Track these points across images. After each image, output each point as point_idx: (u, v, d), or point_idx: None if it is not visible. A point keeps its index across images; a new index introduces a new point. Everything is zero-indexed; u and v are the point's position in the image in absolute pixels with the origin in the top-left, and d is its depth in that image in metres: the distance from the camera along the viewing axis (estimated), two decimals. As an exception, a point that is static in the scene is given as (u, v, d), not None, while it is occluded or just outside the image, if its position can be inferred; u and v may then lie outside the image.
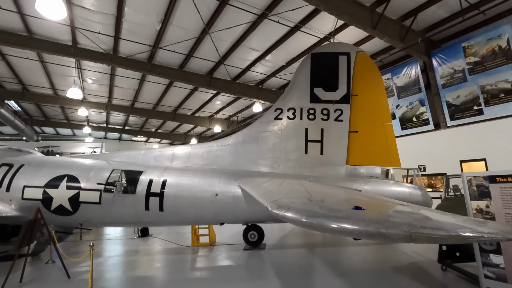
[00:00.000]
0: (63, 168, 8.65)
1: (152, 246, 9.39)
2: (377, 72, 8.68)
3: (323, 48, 8.82)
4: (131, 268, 6.87)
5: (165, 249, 8.89)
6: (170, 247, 9.07)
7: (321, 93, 8.52)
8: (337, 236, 9.36)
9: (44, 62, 14.57)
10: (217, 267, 6.66)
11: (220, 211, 7.77)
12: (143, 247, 9.36)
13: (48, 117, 26.34)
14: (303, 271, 6.01)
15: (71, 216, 8.15)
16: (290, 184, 6.50)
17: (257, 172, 8.28)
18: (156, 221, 8.05)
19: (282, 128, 8.58)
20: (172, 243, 9.68)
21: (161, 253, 8.29)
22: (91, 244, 5.09)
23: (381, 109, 8.47)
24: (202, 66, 15.42)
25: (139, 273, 6.37)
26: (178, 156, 9.08)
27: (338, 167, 8.26)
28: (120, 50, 13.46)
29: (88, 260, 4.96)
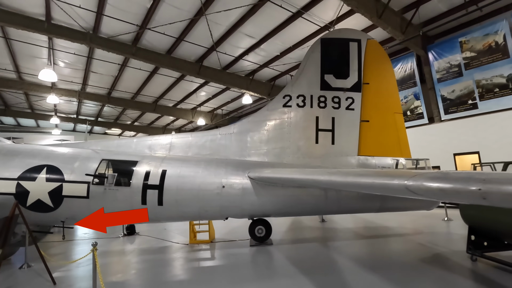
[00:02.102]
0: (41, 157, 7.49)
1: (144, 245, 8.47)
2: (387, 61, 8.47)
3: (333, 34, 8.41)
4: (131, 272, 6.00)
5: (160, 248, 8.04)
6: (165, 246, 8.23)
7: (332, 80, 8.14)
8: (347, 229, 9.11)
9: (9, 39, 12.72)
10: (227, 266, 6.01)
11: (227, 205, 7.12)
12: (135, 246, 8.41)
13: (8, 106, 23.57)
14: (323, 267, 5.57)
15: (51, 212, 7.08)
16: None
17: (266, 163, 7.72)
18: (154, 217, 7.19)
19: (291, 116, 8.09)
20: (167, 241, 8.83)
21: (158, 253, 7.44)
22: (94, 243, 4.23)
23: (392, 98, 8.29)
24: (192, 53, 14.43)
25: (147, 277, 5.55)
26: (176, 145, 8.25)
27: (349, 157, 7.94)
28: (101, 30, 12.10)
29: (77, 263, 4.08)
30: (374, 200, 7.27)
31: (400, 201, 7.40)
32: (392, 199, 7.35)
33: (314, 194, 7.16)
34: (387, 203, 7.33)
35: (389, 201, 7.32)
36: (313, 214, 7.85)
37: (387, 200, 7.29)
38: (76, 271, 6.22)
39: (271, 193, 7.11)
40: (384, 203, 7.30)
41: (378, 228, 9.21)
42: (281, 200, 7.16)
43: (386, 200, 7.29)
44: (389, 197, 7.30)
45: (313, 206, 7.30)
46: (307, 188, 7.16)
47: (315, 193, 7.15)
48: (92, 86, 18.77)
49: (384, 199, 7.28)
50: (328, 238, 8.12)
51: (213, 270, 5.83)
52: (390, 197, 7.31)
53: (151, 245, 8.38)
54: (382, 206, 7.36)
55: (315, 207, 7.32)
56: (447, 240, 7.34)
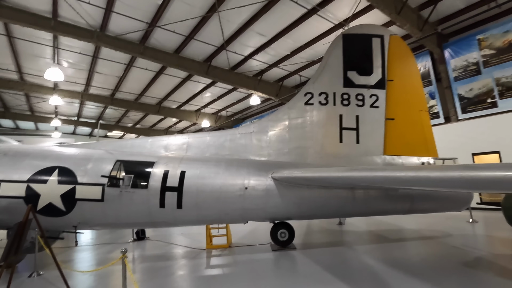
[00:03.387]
0: (51, 159, 7.10)
1: (158, 251, 8.03)
2: (411, 57, 8.20)
3: (355, 29, 8.13)
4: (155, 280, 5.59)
5: (177, 253, 7.62)
6: (182, 251, 7.82)
7: (355, 77, 7.84)
8: (370, 233, 8.75)
9: (13, 37, 12.30)
10: (256, 273, 5.62)
11: (250, 207, 6.75)
12: (149, 252, 7.98)
13: (8, 108, 23.01)
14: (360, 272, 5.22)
15: (63, 217, 6.69)
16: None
17: (288, 163, 7.36)
18: (172, 221, 6.81)
19: (314, 114, 7.77)
20: (182, 246, 8.41)
21: (176, 259, 7.03)
22: (123, 250, 3.83)
23: (417, 95, 8.00)
24: (200, 52, 14.11)
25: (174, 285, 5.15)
26: (193, 145, 7.88)
27: (375, 157, 7.62)
28: (109, 28, 11.74)
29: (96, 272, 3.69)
30: (404, 201, 6.95)
31: (431, 202, 7.08)
32: (423, 200, 7.03)
33: (341, 195, 6.83)
34: (417, 205, 7.00)
35: (419, 202, 6.99)
36: (339, 216, 7.52)
37: (417, 201, 6.97)
38: (92, 279, 5.79)
39: (296, 195, 6.76)
40: (414, 205, 6.98)
41: (401, 230, 8.86)
42: (306, 202, 6.82)
43: (416, 201, 6.96)
44: (420, 197, 6.99)
45: (340, 208, 6.97)
46: (333, 189, 6.83)
47: (342, 194, 6.82)
48: (95, 87, 18.34)
49: (414, 200, 6.96)
50: (353, 242, 7.75)
51: (240, 277, 5.43)
52: (421, 198, 7.00)
53: (165, 251, 7.95)
54: (412, 208, 7.03)
55: (342, 208, 6.99)
56: (483, 242, 7.02)
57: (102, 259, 7.48)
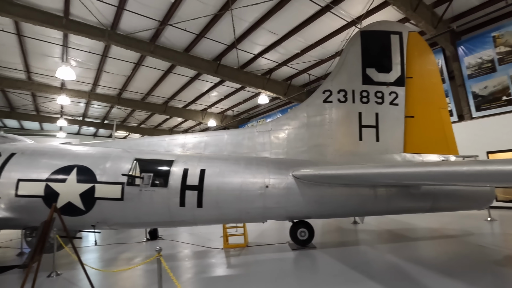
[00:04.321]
0: (69, 157, 7.03)
1: (173, 250, 7.95)
2: (430, 54, 8.10)
3: (373, 26, 8.04)
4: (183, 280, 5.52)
5: (195, 253, 7.54)
6: (199, 251, 7.74)
7: (374, 74, 7.75)
8: (389, 232, 8.66)
9: (23, 36, 12.24)
10: (283, 272, 5.56)
11: (271, 206, 6.67)
12: (166, 252, 7.91)
13: (14, 108, 22.96)
14: (391, 271, 5.13)
15: (82, 216, 6.61)
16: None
17: (307, 161, 7.27)
18: (192, 220, 6.73)
19: (333, 112, 7.68)
20: (198, 246, 8.33)
21: (197, 258, 6.95)
22: (158, 248, 3.75)
23: (436, 93, 7.90)
24: (209, 51, 14.03)
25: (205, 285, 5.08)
26: (211, 143, 7.80)
27: (395, 155, 7.52)
28: (120, 26, 11.67)
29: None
30: (426, 199, 6.86)
31: (454, 201, 6.98)
32: (445, 198, 6.93)
33: (363, 194, 6.74)
34: (439, 203, 6.91)
35: (441, 200, 6.90)
36: (360, 215, 7.43)
37: (439, 200, 6.88)
38: (114, 279, 5.72)
39: (318, 193, 6.68)
40: (435, 203, 6.88)
41: (419, 229, 8.77)
42: (327, 200, 6.73)
43: (438, 200, 6.87)
44: (442, 196, 6.90)
45: (361, 206, 6.88)
46: (355, 187, 6.75)
47: (364, 192, 6.74)
48: (103, 86, 18.27)
49: (436, 198, 6.87)
50: (373, 241, 7.66)
51: (269, 277, 5.34)
52: (443, 196, 6.91)
53: (183, 251, 7.87)
54: (434, 206, 6.94)
55: (363, 207, 6.89)
56: (509, 241, 6.92)
57: (122, 259, 7.41)
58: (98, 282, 5.40)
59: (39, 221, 6.73)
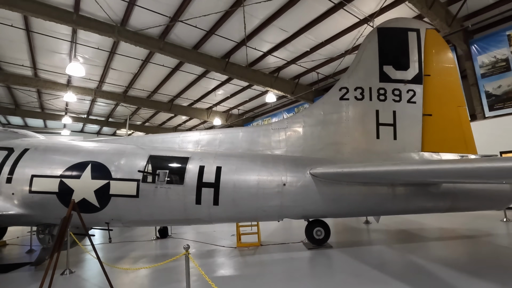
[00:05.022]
0: (83, 153, 6.94)
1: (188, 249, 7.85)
2: (448, 52, 7.97)
3: (390, 23, 7.92)
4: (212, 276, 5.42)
5: (209, 251, 7.44)
6: (212, 249, 7.64)
7: (392, 72, 7.63)
8: (404, 232, 8.54)
9: (32, 31, 12.14)
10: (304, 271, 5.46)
11: (288, 204, 6.56)
12: (178, 250, 7.81)
13: (18, 105, 22.88)
14: (416, 271, 5.02)
15: (96, 213, 6.52)
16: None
17: (324, 159, 7.16)
18: (208, 218, 6.63)
19: (349, 109, 7.57)
20: (210, 244, 8.24)
21: (211, 257, 6.85)
22: (186, 246, 3.65)
23: (454, 91, 7.77)
24: (218, 49, 13.92)
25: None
26: (225, 140, 7.69)
27: (413, 154, 7.40)
28: (130, 22, 11.57)
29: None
30: (446, 198, 6.74)
31: (473, 200, 6.87)
32: (465, 197, 6.82)
33: (381, 193, 6.64)
34: (459, 202, 6.79)
35: (461, 200, 6.79)
36: (378, 214, 7.31)
37: (459, 199, 6.76)
38: (130, 277, 5.61)
39: (335, 192, 6.57)
40: (455, 202, 6.77)
41: (435, 229, 8.65)
42: (345, 199, 6.63)
43: (458, 199, 6.76)
44: (461, 195, 6.78)
45: (379, 205, 6.76)
46: (373, 186, 6.64)
47: (382, 191, 6.63)
48: (109, 84, 18.18)
49: (456, 197, 6.76)
50: (390, 241, 7.55)
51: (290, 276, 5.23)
52: (462, 195, 6.79)
53: (197, 249, 7.78)
54: (453, 206, 6.82)
55: (381, 206, 6.78)
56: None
57: (134, 257, 7.33)
58: (115, 281, 5.29)
59: (52, 217, 6.68)
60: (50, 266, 4.51)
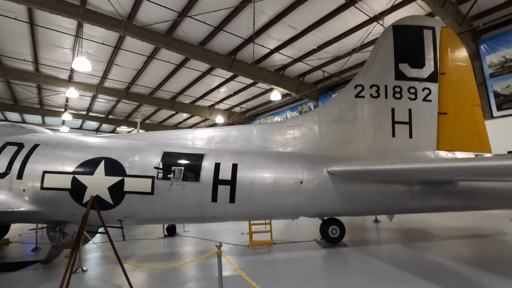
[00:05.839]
0: (96, 149, 6.79)
1: (198, 247, 7.76)
2: (463, 50, 7.93)
3: (405, 21, 7.85)
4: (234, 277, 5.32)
5: (223, 250, 7.34)
6: (226, 248, 7.55)
7: (407, 70, 7.57)
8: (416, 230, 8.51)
9: (35, 25, 11.88)
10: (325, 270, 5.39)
11: (305, 202, 6.48)
12: (189, 248, 7.71)
13: (17, 101, 22.49)
14: (440, 270, 4.98)
15: (110, 210, 6.38)
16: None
17: (339, 157, 7.09)
18: (223, 216, 6.53)
19: (365, 107, 7.51)
20: (222, 243, 8.12)
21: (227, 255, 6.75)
22: (218, 244, 3.55)
23: (469, 90, 7.74)
24: (224, 46, 13.78)
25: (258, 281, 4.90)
26: (239, 137, 7.59)
27: (428, 152, 7.36)
28: (137, 17, 11.37)
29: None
30: (462, 197, 6.71)
31: (490, 199, 6.86)
32: (481, 196, 6.80)
33: (399, 191, 6.58)
34: (475, 201, 6.77)
35: (478, 199, 6.76)
36: (394, 212, 7.28)
37: (476, 198, 6.74)
38: (147, 275, 5.51)
39: (353, 190, 6.51)
40: (472, 201, 6.75)
41: (448, 228, 8.63)
42: (363, 197, 6.57)
43: (474, 198, 6.74)
44: (478, 194, 6.76)
45: (396, 204, 6.71)
46: (391, 184, 6.58)
47: (400, 189, 6.58)
48: (111, 80, 17.93)
49: (472, 196, 6.74)
50: (404, 240, 7.52)
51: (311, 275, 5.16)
52: (479, 194, 6.77)
53: (208, 248, 7.68)
54: (469, 205, 6.80)
55: (398, 204, 6.72)
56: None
57: (144, 255, 7.22)
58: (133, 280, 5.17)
59: (64, 215, 6.53)
60: (70, 265, 4.38)
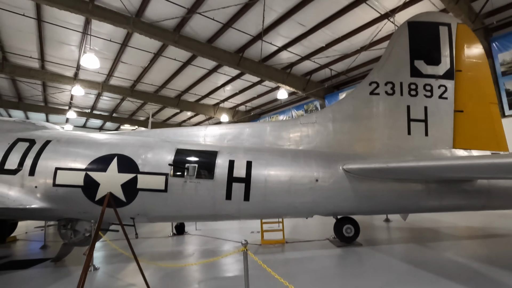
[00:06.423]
0: (108, 146, 6.70)
1: (208, 246, 7.67)
2: (479, 47, 7.81)
3: (421, 17, 7.73)
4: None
5: (234, 249, 7.26)
6: (236, 247, 7.46)
7: (423, 67, 7.45)
8: (430, 230, 8.40)
9: (43, 21, 11.79)
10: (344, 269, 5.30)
11: (320, 200, 6.39)
12: (200, 247, 7.63)
13: (22, 98, 22.43)
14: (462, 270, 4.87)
15: (122, 207, 6.28)
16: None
17: (354, 155, 6.99)
18: (237, 214, 6.43)
19: (379, 104, 7.39)
20: (232, 241, 8.06)
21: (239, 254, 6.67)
22: (244, 242, 3.45)
23: (486, 87, 7.61)
24: (232, 43, 13.66)
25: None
26: (252, 134, 7.49)
27: (444, 150, 7.25)
28: (145, 14, 11.27)
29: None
30: (480, 196, 6.60)
31: (509, 198, 6.75)
32: (500, 195, 6.68)
33: (416, 189, 6.48)
34: (493, 201, 6.65)
35: (496, 198, 6.65)
36: (410, 211, 7.16)
37: (494, 197, 6.62)
38: (162, 273, 5.42)
39: (368, 188, 6.40)
40: (490, 200, 6.63)
41: (462, 228, 8.50)
42: (379, 196, 6.46)
43: (492, 197, 6.62)
44: (496, 193, 6.64)
45: (413, 203, 6.60)
46: (407, 183, 6.47)
47: (417, 188, 6.47)
48: (117, 77, 17.84)
49: (490, 195, 6.62)
50: (419, 239, 7.41)
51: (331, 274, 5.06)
52: (498, 193, 6.66)
53: (219, 246, 7.60)
54: (487, 204, 6.68)
55: (415, 203, 6.61)
56: None
57: (156, 253, 7.14)
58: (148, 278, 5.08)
59: (75, 212, 6.45)
60: (88, 263, 4.29)
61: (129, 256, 5.04)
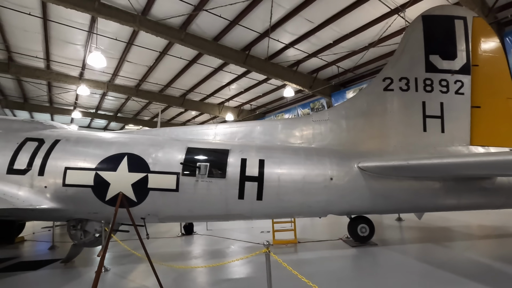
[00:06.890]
0: (118, 145, 6.59)
1: (219, 246, 7.55)
2: (496, 41, 7.57)
3: (435, 11, 7.53)
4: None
5: (245, 249, 7.14)
6: (247, 247, 7.33)
7: (438, 62, 7.24)
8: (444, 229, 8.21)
9: (49, 20, 11.72)
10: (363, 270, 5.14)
11: (334, 199, 6.22)
12: (211, 247, 7.51)
13: (27, 99, 22.47)
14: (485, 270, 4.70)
15: (133, 207, 6.16)
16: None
17: (369, 152, 6.80)
18: (249, 213, 6.29)
19: (394, 100, 7.21)
20: (242, 241, 7.93)
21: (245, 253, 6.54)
22: (266, 243, 3.31)
23: (503, 82, 7.38)
24: (238, 41, 13.51)
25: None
26: (263, 132, 7.34)
27: (461, 147, 7.04)
28: (151, 12, 11.15)
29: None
30: (500, 194, 6.40)
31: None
32: (521, 194, 6.49)
33: (433, 187, 6.29)
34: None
35: (517, 196, 6.45)
36: (427, 210, 6.97)
37: (514, 195, 6.43)
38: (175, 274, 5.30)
39: (385, 187, 6.23)
40: (510, 198, 6.43)
41: (478, 227, 8.31)
42: (395, 194, 6.28)
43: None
44: (518, 191, 6.46)
45: (430, 201, 6.41)
46: (424, 181, 6.29)
47: (434, 186, 6.29)
48: (122, 77, 17.75)
49: (511, 194, 6.42)
50: (436, 239, 7.22)
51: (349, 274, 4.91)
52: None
53: (230, 246, 7.47)
54: (507, 202, 6.48)
55: (432, 202, 6.42)
56: None
57: (166, 253, 7.03)
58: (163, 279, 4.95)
59: (85, 212, 6.34)
60: (101, 264, 4.18)
61: (141, 257, 4.93)
